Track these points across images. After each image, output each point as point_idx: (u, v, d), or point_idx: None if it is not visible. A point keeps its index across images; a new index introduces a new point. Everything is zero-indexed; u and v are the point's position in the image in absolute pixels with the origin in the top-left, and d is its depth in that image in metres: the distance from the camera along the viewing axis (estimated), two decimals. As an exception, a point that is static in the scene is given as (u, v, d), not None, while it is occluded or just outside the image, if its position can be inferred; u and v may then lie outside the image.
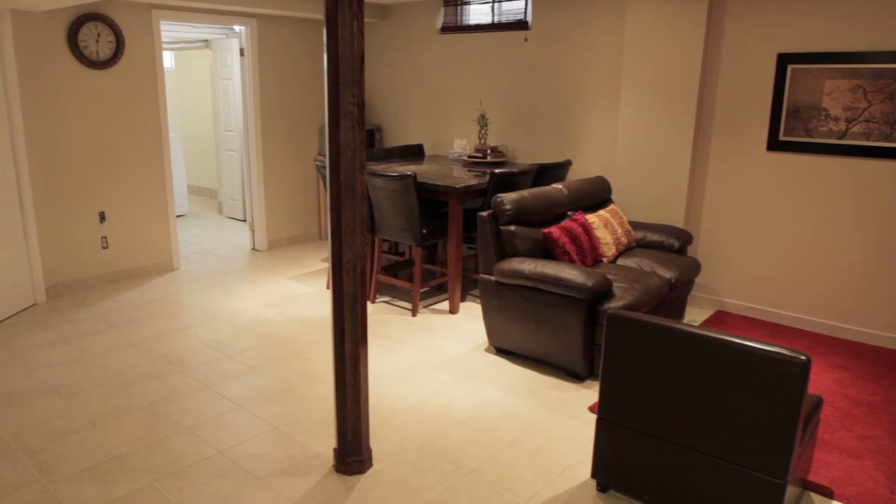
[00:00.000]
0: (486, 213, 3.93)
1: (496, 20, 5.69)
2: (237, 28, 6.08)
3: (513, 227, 3.92)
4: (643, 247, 4.54)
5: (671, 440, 2.43)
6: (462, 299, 5.06)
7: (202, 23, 5.57)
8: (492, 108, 5.89)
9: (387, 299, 5.06)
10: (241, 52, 6.02)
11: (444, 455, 2.96)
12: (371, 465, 2.86)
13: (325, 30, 2.43)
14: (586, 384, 3.67)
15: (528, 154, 5.74)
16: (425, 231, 4.59)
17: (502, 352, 4.06)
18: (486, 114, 5.93)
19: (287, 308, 4.81)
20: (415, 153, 6.10)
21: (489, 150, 5.55)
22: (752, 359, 2.19)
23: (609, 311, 2.56)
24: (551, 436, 3.13)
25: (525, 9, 5.48)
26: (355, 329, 2.64)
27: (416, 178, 4.38)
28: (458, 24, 5.95)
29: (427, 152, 6.45)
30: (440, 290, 5.31)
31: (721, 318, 4.68)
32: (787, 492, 2.23)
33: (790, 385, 2.12)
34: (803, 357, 2.11)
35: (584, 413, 3.35)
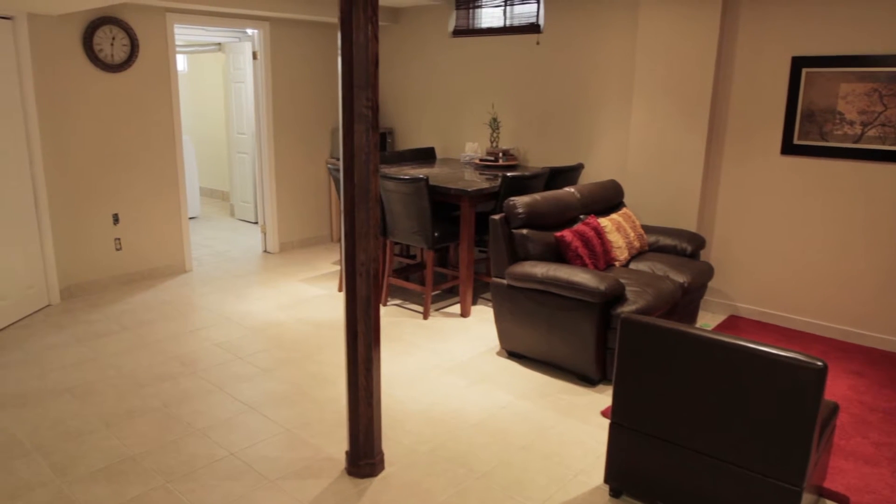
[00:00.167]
0: (498, 216, 3.92)
1: (508, 23, 5.68)
2: (250, 31, 6.11)
3: (525, 231, 3.91)
4: (656, 251, 4.52)
5: (685, 445, 2.41)
6: (474, 303, 5.06)
7: (215, 26, 5.61)
8: (503, 112, 5.88)
9: (398, 302, 5.06)
10: (254, 56, 6.06)
11: (456, 459, 2.96)
12: (383, 468, 2.86)
13: (339, 33, 2.44)
14: (598, 388, 3.66)
15: (539, 157, 5.73)
16: (437, 234, 4.59)
17: (514, 355, 4.05)
18: (498, 117, 5.93)
19: (298, 310, 4.82)
20: (426, 156, 6.10)
21: (501, 154, 5.54)
22: (767, 364, 2.17)
23: (623, 315, 2.55)
24: (563, 440, 3.12)
25: (537, 12, 5.48)
26: (368, 332, 2.65)
27: (428, 182, 4.38)
28: (471, 27, 5.95)
29: (439, 155, 6.45)
30: (452, 293, 5.31)
31: (734, 323, 4.65)
32: (803, 499, 2.21)
33: (807, 391, 2.10)
34: (820, 363, 2.09)
35: (597, 417, 3.34)
